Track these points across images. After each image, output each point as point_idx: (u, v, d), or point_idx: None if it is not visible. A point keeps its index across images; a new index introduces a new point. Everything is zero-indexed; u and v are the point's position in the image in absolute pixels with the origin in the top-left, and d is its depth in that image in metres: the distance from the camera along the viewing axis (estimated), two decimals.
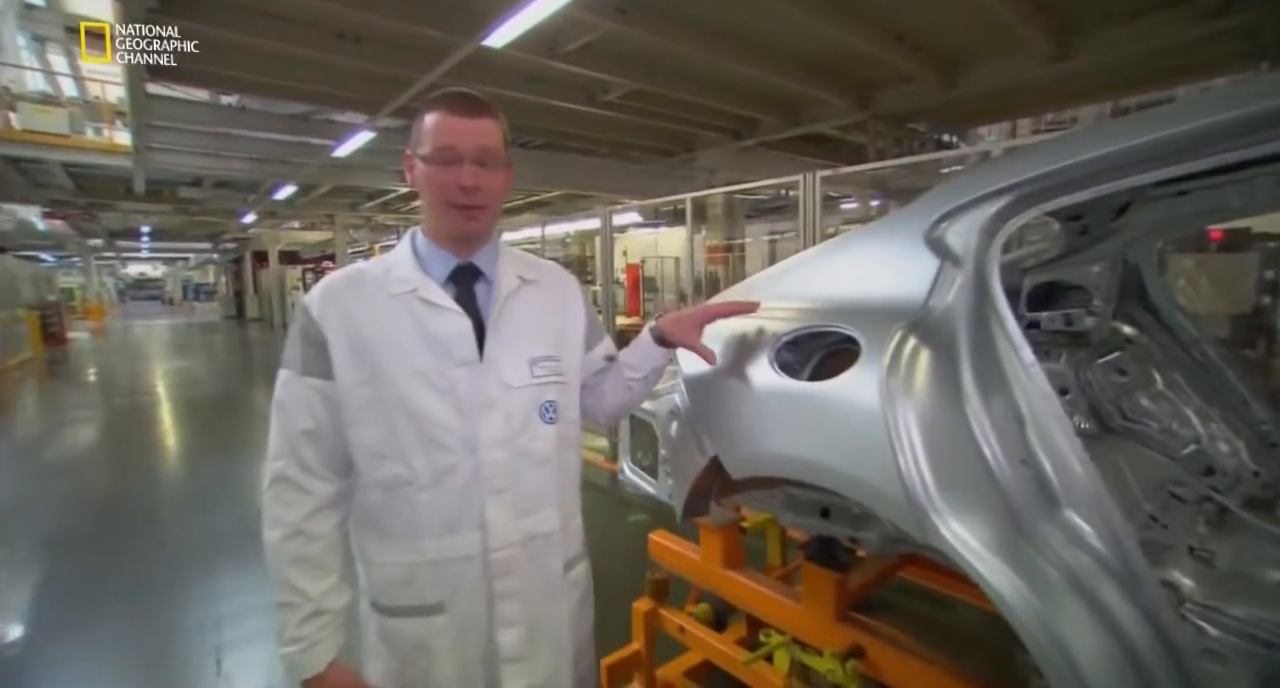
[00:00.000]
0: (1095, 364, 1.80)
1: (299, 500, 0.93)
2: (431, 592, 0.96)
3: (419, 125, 0.94)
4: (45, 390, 9.28)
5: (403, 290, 0.95)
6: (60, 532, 3.72)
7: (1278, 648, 1.06)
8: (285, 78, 5.40)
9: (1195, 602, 1.17)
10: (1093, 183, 0.92)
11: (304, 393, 0.93)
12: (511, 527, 0.97)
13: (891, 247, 1.06)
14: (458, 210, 0.94)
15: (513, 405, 0.97)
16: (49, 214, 15.82)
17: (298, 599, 0.92)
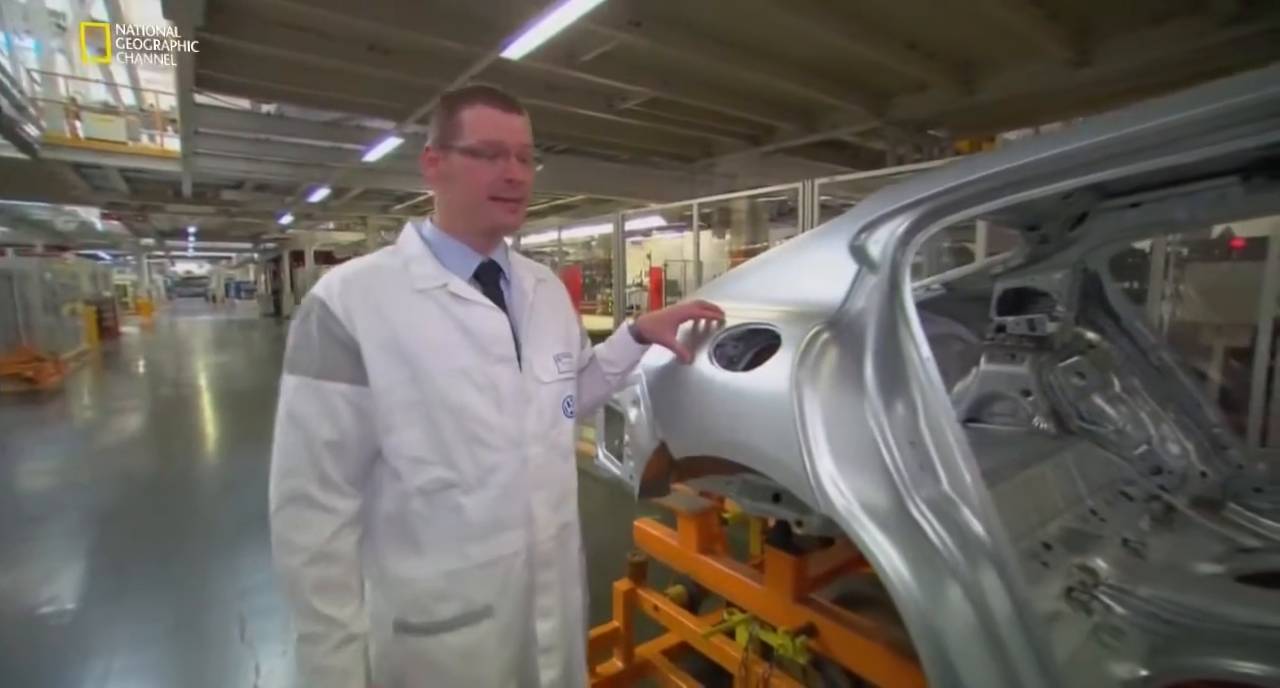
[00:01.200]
0: (1056, 367, 1.87)
1: (321, 520, 0.86)
2: (480, 596, 0.93)
3: (453, 119, 0.91)
4: (101, 380, 9.90)
5: (431, 285, 0.91)
6: (109, 507, 4.06)
7: (1175, 625, 1.15)
8: (320, 87, 5.73)
9: (1108, 584, 1.26)
10: (983, 200, 1.03)
11: (325, 400, 0.86)
12: (550, 520, 0.99)
13: (823, 253, 1.19)
14: (501, 204, 0.93)
15: (544, 401, 0.99)
16: (106, 215, 16.81)
17: (325, 629, 0.85)
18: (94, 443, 5.89)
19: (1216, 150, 0.87)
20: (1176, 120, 0.89)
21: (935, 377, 0.98)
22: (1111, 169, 0.91)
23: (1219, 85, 0.87)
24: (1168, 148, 0.91)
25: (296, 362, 0.88)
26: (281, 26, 4.59)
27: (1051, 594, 1.24)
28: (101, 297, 15.89)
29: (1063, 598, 1.23)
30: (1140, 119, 0.92)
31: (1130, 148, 0.92)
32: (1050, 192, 1.00)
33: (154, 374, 10.45)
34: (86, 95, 11.28)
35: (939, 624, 0.85)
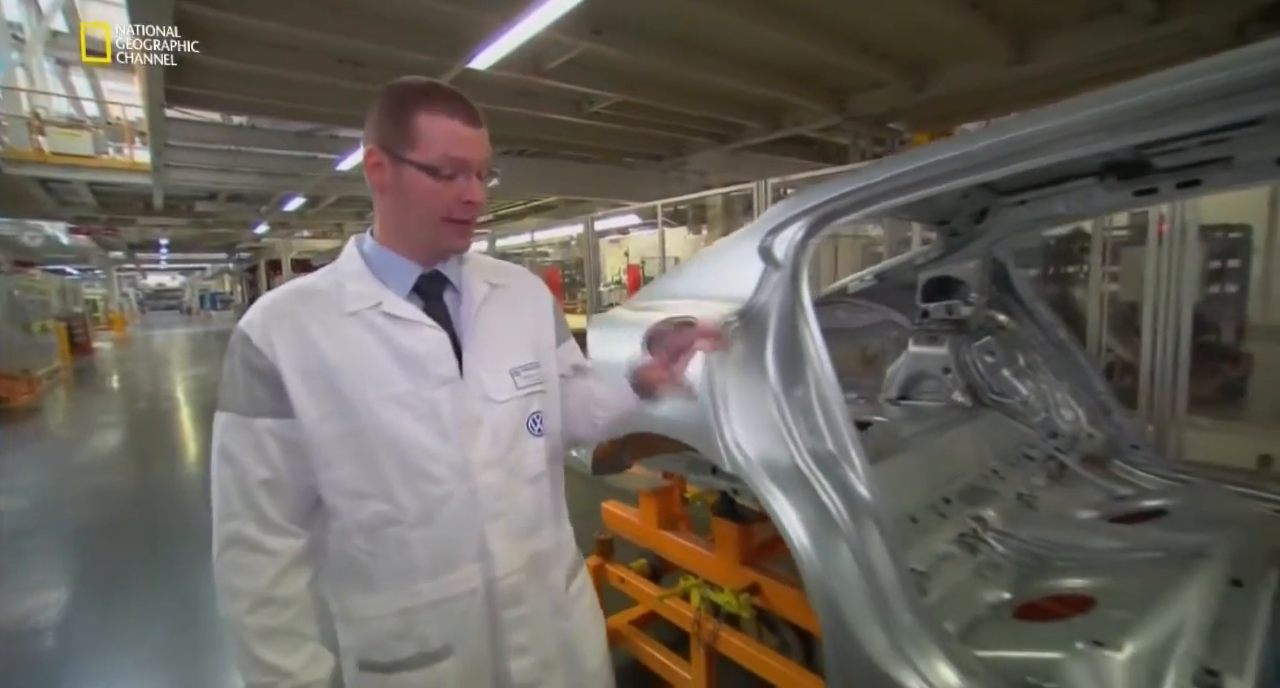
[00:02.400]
0: (971, 347, 2.10)
1: (262, 564, 0.81)
2: (434, 637, 0.87)
3: (406, 125, 0.80)
4: (75, 398, 9.82)
5: (363, 306, 0.84)
6: (95, 522, 4.13)
7: (1041, 557, 1.37)
8: (291, 100, 5.81)
9: (995, 529, 1.48)
10: (869, 204, 1.24)
11: (254, 438, 0.81)
12: (514, 552, 0.90)
13: (738, 255, 1.38)
14: (456, 225, 0.85)
15: (499, 421, 0.89)
16: (74, 229, 16.52)
17: (272, 679, 0.80)
18: (71, 461, 5.92)
19: (1062, 157, 1.05)
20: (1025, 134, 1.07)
21: (825, 357, 1.18)
22: (972, 175, 1.10)
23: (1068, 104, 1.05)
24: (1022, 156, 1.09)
25: (224, 398, 0.84)
26: (249, 41, 4.68)
27: (946, 539, 1.45)
28: (72, 312, 15.65)
29: (954, 542, 1.45)
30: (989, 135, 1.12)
31: (978, 161, 1.12)
32: (924, 195, 1.19)
33: (130, 389, 10.39)
34: (50, 110, 11.13)
35: (831, 587, 1.05)
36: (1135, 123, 0.91)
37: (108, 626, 2.76)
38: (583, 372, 1.10)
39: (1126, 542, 1.39)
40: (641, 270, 14.25)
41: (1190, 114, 0.86)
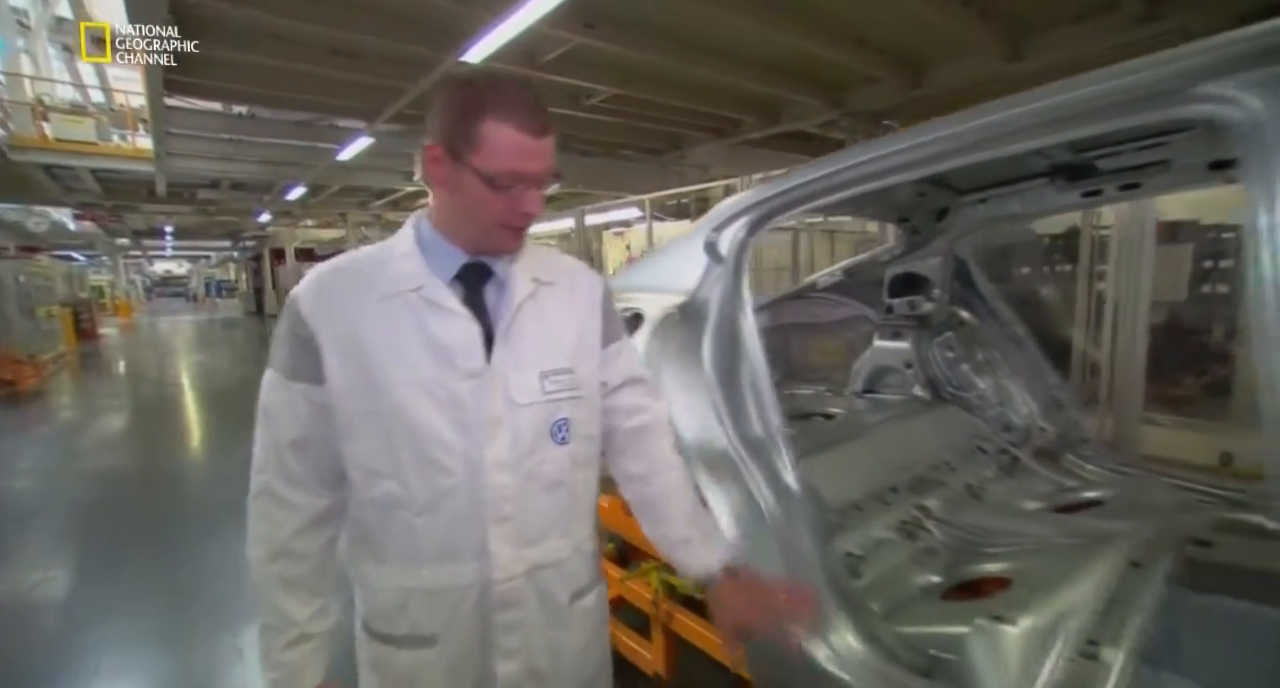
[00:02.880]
0: (932, 342, 2.15)
1: (285, 517, 0.87)
2: (424, 623, 0.88)
3: (470, 128, 0.79)
4: (80, 382, 9.96)
5: (405, 288, 0.85)
6: (98, 498, 4.26)
7: (976, 544, 1.44)
8: (289, 90, 5.86)
9: (936, 517, 1.54)
10: (806, 201, 1.29)
11: (291, 399, 0.86)
12: (515, 557, 0.88)
13: (688, 250, 1.44)
14: (509, 231, 0.86)
15: (521, 425, 0.87)
16: (79, 216, 16.66)
17: (282, 622, 0.87)
18: (76, 443, 6.04)
19: (989, 155, 1.09)
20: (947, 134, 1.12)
21: (758, 346, 1.24)
22: (898, 175, 1.15)
23: (993, 104, 1.09)
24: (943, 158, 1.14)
25: (271, 357, 0.88)
26: (246, 33, 4.73)
27: (886, 526, 1.52)
28: (78, 298, 15.82)
29: (894, 529, 1.51)
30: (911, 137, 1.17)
31: (901, 161, 1.17)
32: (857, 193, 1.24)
33: (134, 375, 10.52)
34: (54, 96, 11.22)
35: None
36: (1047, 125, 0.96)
37: (107, 598, 2.87)
38: (632, 388, 1.01)
39: (1056, 529, 1.45)
40: None
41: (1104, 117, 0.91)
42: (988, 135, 1.01)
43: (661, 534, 1.00)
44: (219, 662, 2.39)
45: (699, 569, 0.97)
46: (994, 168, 1.73)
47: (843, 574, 1.24)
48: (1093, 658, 1.00)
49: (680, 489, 1.01)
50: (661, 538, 1.00)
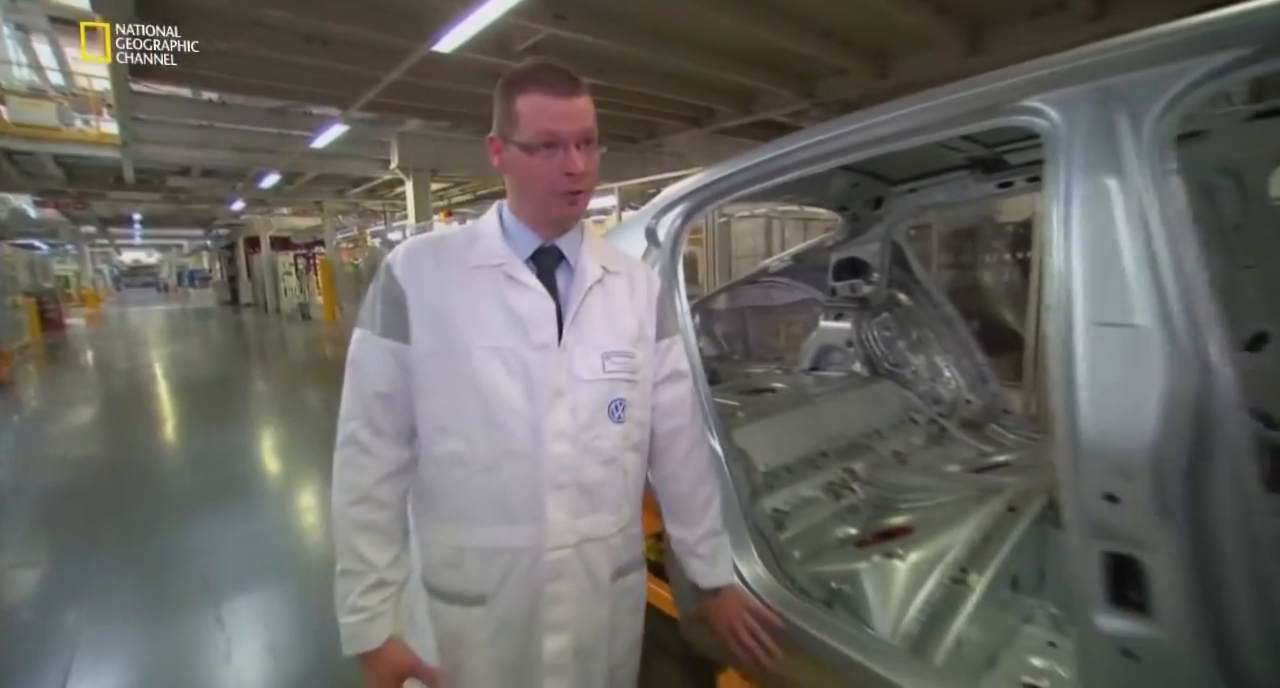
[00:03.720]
0: (871, 323, 2.31)
1: (369, 465, 0.91)
2: (476, 581, 0.92)
3: (509, 109, 0.87)
4: (47, 373, 9.78)
5: (488, 263, 0.92)
6: (70, 486, 4.27)
7: (893, 500, 1.60)
8: (260, 77, 5.82)
9: (861, 478, 1.71)
10: (737, 190, 1.42)
11: (380, 354, 0.91)
12: (568, 526, 0.92)
13: (631, 235, 1.56)
14: (562, 196, 0.90)
15: (581, 399, 0.92)
16: (41, 203, 16.16)
17: (362, 568, 0.90)
18: (48, 431, 6.00)
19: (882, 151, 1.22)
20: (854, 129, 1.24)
21: (689, 322, 1.38)
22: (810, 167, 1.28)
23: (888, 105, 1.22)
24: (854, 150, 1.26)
25: (362, 317, 0.95)
26: (214, 19, 4.70)
27: (814, 486, 1.68)
28: (42, 288, 15.42)
29: (821, 489, 1.67)
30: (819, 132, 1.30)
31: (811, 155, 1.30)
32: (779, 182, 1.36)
33: (105, 366, 10.36)
34: (10, 78, 10.87)
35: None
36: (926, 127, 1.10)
37: (80, 577, 2.93)
38: (676, 380, 1.07)
39: (964, 486, 1.62)
40: None
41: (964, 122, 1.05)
42: (881, 134, 1.15)
43: (679, 537, 1.09)
44: (191, 634, 2.49)
45: (704, 582, 1.07)
46: (920, 160, 1.88)
47: (768, 527, 1.39)
48: (961, 582, 1.16)
49: (708, 503, 1.09)
50: (679, 540, 1.09)
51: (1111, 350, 0.72)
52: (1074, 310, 0.76)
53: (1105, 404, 0.72)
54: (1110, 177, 0.77)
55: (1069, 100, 0.85)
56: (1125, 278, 0.73)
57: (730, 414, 1.73)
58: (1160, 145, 0.75)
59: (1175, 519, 0.67)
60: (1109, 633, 0.72)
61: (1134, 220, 0.74)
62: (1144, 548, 0.69)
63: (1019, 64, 0.96)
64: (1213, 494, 0.65)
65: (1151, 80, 0.78)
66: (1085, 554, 0.74)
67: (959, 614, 1.13)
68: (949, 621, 1.13)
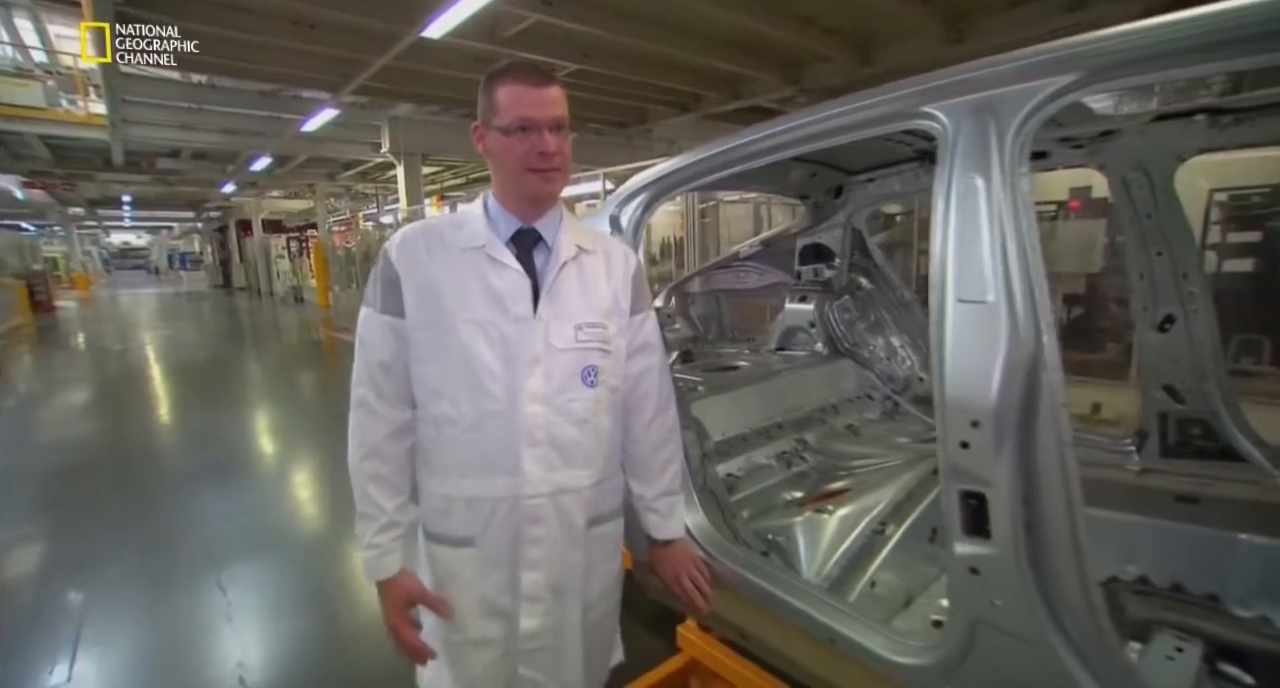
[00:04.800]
0: (833, 305, 2.46)
1: (375, 425, 1.05)
2: (464, 525, 1.05)
3: (490, 98, 1.00)
4: (39, 355, 9.84)
5: (472, 246, 1.04)
6: (67, 464, 4.40)
7: (839, 466, 1.76)
8: (249, 61, 5.84)
9: (812, 448, 1.86)
10: (688, 182, 1.54)
11: (380, 329, 1.04)
12: (542, 478, 1.04)
13: (598, 221, 1.68)
14: (536, 174, 1.01)
15: (555, 366, 1.03)
16: (28, 184, 16.01)
17: (374, 511, 1.05)
18: (43, 412, 6.11)
19: (812, 148, 1.34)
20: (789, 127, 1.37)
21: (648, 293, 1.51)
22: (754, 161, 1.40)
23: (819, 106, 1.35)
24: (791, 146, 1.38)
25: (366, 296, 1.08)
26: (202, 2, 4.73)
27: (767, 455, 1.83)
28: (30, 270, 15.36)
29: (774, 457, 1.82)
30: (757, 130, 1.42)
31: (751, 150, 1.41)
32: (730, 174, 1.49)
33: (97, 348, 10.41)
34: None
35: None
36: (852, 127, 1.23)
37: (78, 549, 3.08)
38: (645, 353, 1.17)
39: (904, 454, 1.78)
40: None
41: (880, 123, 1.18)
42: (815, 131, 1.27)
43: (638, 492, 1.20)
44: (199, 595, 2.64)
45: (658, 534, 1.21)
46: (875, 152, 2.01)
47: (720, 488, 1.54)
48: (880, 533, 1.32)
49: (666, 465, 1.20)
50: (639, 496, 1.20)
51: (970, 323, 0.87)
52: (946, 289, 0.90)
53: (963, 368, 0.87)
54: (978, 176, 0.91)
55: (955, 109, 0.98)
56: (982, 262, 0.87)
57: (691, 388, 1.88)
58: (1017, 152, 0.89)
59: (1009, 462, 0.82)
60: (961, 555, 0.87)
61: (992, 213, 0.88)
62: (987, 485, 0.84)
63: (925, 74, 1.09)
64: (1037, 441, 0.80)
65: (1013, 96, 0.91)
66: (948, 493, 0.89)
67: (875, 560, 1.29)
68: (866, 565, 1.28)
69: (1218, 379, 1.60)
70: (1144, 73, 0.82)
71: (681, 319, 3.01)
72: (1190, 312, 1.63)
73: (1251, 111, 1.30)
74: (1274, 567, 1.15)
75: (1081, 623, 0.78)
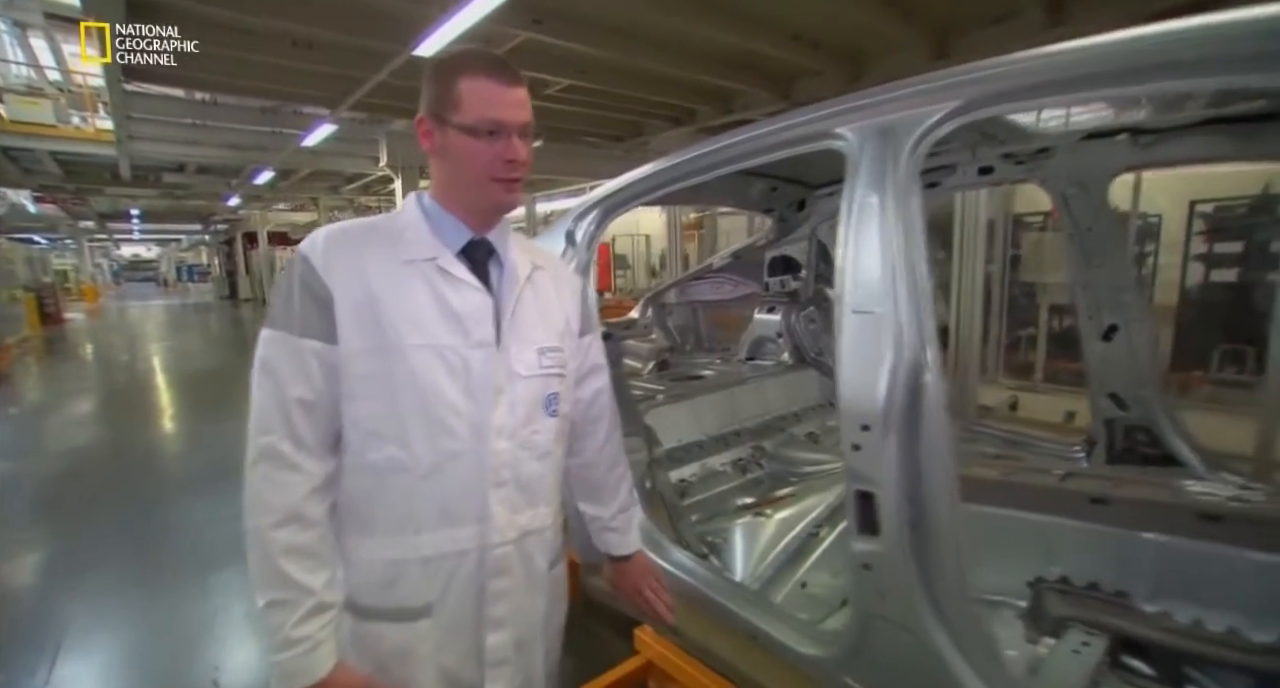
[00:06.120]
0: (799, 315, 2.51)
1: (292, 481, 0.83)
2: (419, 593, 0.89)
3: (448, 89, 0.85)
4: (46, 366, 9.99)
5: (420, 257, 0.88)
6: (69, 470, 4.49)
7: (791, 472, 1.80)
8: (249, 79, 5.99)
9: (769, 455, 1.91)
10: (638, 197, 1.61)
11: (299, 358, 0.84)
12: (509, 522, 0.92)
13: (555, 236, 1.75)
14: (500, 183, 0.88)
15: (519, 395, 0.92)
16: (40, 198, 16.34)
17: (295, 595, 0.82)
18: (48, 421, 6.21)
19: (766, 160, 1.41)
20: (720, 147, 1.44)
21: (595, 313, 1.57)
22: (690, 179, 1.47)
23: (754, 126, 1.42)
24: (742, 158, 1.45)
25: (274, 316, 0.86)
26: (202, 23, 4.88)
27: (722, 461, 1.88)
28: (41, 282, 15.59)
29: (729, 463, 1.87)
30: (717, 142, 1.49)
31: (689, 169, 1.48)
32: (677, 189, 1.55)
33: (103, 359, 10.57)
34: (8, 76, 11.03)
35: None
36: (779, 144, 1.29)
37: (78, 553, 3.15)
38: (597, 374, 1.10)
39: None
40: (611, 247, 14.57)
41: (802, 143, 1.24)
42: (748, 149, 1.35)
43: (594, 515, 1.14)
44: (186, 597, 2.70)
45: (618, 552, 1.15)
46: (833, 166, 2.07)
47: (670, 492, 1.59)
48: (815, 536, 1.37)
49: (620, 482, 1.15)
50: (593, 518, 1.14)
51: (862, 332, 0.92)
52: (843, 300, 0.96)
53: (855, 375, 0.92)
54: (876, 194, 0.97)
55: (864, 130, 1.05)
56: (874, 275, 0.93)
57: (650, 396, 1.93)
58: (910, 172, 0.95)
59: (894, 463, 0.87)
60: (857, 552, 0.92)
61: (885, 230, 0.94)
62: (876, 485, 0.89)
63: (839, 97, 1.16)
64: (920, 444, 0.86)
65: (910, 120, 0.97)
66: (848, 494, 0.95)
67: (807, 562, 1.34)
68: (798, 566, 1.33)
69: (1155, 387, 1.65)
70: (1018, 100, 0.89)
71: (659, 330, 3.07)
72: (1130, 321, 1.68)
73: (1167, 132, 1.36)
74: (1175, 564, 1.20)
75: (959, 615, 0.83)
